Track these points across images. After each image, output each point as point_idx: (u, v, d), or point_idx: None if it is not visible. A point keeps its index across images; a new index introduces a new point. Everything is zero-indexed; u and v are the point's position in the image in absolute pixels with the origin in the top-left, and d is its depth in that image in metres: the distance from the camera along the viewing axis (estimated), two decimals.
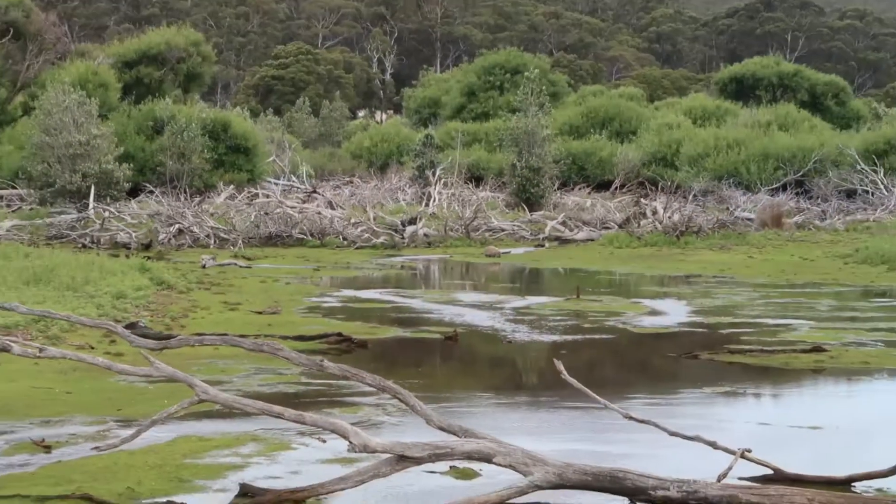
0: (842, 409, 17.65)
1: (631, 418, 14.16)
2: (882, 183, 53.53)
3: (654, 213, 48.84)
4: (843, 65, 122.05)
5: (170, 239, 42.12)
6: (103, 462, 13.70)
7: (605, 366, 21.47)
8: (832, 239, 43.81)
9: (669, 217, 47.49)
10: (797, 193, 55.27)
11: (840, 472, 12.53)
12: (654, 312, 27.89)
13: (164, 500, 12.48)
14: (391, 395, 13.76)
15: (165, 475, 13.44)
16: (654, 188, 54.64)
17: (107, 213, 43.43)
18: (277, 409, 13.74)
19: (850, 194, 53.88)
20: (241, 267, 36.71)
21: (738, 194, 53.23)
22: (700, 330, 25.01)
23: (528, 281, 36.75)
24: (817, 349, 21.71)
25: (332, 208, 49.83)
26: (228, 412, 14.44)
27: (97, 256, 36.04)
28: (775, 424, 15.81)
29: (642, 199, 52.72)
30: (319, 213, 47.95)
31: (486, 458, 12.56)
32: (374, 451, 12.63)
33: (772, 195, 52.97)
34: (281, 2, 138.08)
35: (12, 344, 15.97)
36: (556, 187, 56.49)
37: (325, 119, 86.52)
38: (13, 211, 47.43)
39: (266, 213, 46.46)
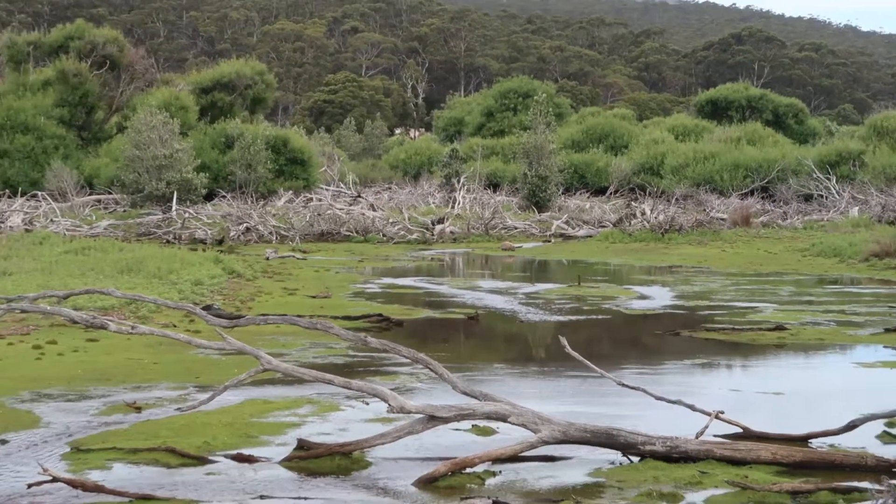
0: (800, 378, 17.64)
1: (623, 385, 14.20)
2: (834, 189, 53.46)
3: (643, 213, 48.80)
4: (801, 89, 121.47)
5: (239, 235, 42.22)
6: (184, 420, 13.74)
7: (601, 342, 21.44)
8: (792, 236, 43.73)
9: (656, 217, 47.48)
10: (763, 197, 55.17)
11: (799, 430, 12.54)
12: (642, 297, 27.89)
13: (235, 452, 12.51)
14: (423, 365, 13.78)
15: (236, 431, 13.49)
16: (642, 193, 54.82)
17: (186, 215, 43.53)
18: (328, 376, 13.77)
19: (808, 198, 53.78)
20: (297, 259, 36.77)
21: (713, 198, 53.18)
22: (681, 312, 25.01)
23: (537, 271, 36.73)
24: (780, 328, 21.71)
25: (374, 210, 49.83)
26: (288, 379, 14.48)
27: (178, 250, 36.11)
28: (744, 391, 15.85)
29: (633, 202, 52.69)
30: (363, 214, 47.98)
31: (503, 418, 12.58)
32: (409, 412, 12.65)
33: (741, 199, 52.90)
34: (331, 38, 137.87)
35: (109, 322, 16.02)
36: (560, 192, 56.44)
37: (368, 136, 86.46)
38: (109, 212, 47.47)
39: (319, 214, 46.51)
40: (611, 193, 57.56)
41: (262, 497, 11.08)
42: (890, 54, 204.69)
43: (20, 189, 48.99)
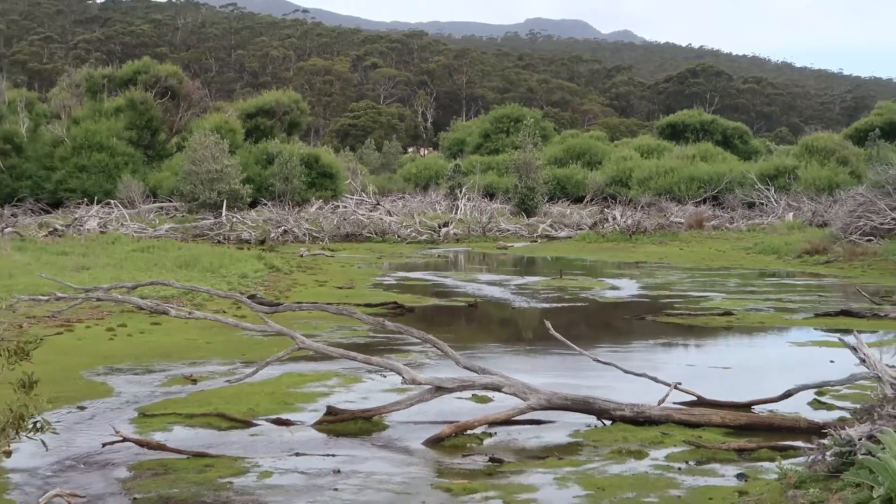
0: (745, 355, 17.65)
1: (598, 361, 14.23)
2: (773, 197, 53.40)
3: (614, 218, 48.71)
4: (745, 115, 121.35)
5: (278, 237, 42.24)
6: (233, 391, 13.75)
7: (579, 325, 21.43)
8: (738, 237, 43.69)
9: (624, 221, 47.44)
10: (713, 205, 55.08)
11: (744, 398, 12.55)
12: (613, 288, 27.89)
13: (274, 417, 12.55)
14: (431, 344, 13.80)
15: (275, 399, 13.52)
16: (613, 201, 54.64)
17: (234, 219, 43.56)
18: (352, 354, 13.77)
19: (751, 205, 53.70)
20: (327, 256, 36.79)
21: (672, 205, 53.08)
22: (645, 300, 25.01)
23: (526, 266, 36.73)
24: (728, 313, 21.74)
25: (390, 215, 49.76)
26: (318, 356, 14.48)
27: (227, 249, 36.13)
28: (698, 365, 15.88)
29: (605, 209, 52.61)
30: (381, 218, 47.99)
31: (497, 389, 12.60)
32: (420, 384, 12.65)
33: (696, 206, 52.80)
34: (354, 72, 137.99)
35: (170, 309, 16.06)
36: (545, 201, 56.32)
37: (385, 154, 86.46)
38: (170, 217, 47.44)
39: (344, 219, 46.57)
40: (587, 201, 57.42)
41: (297, 454, 11.10)
42: (819, 86, 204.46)
43: (96, 198, 49.01)
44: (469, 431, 11.86)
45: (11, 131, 52.80)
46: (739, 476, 10.16)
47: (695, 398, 12.65)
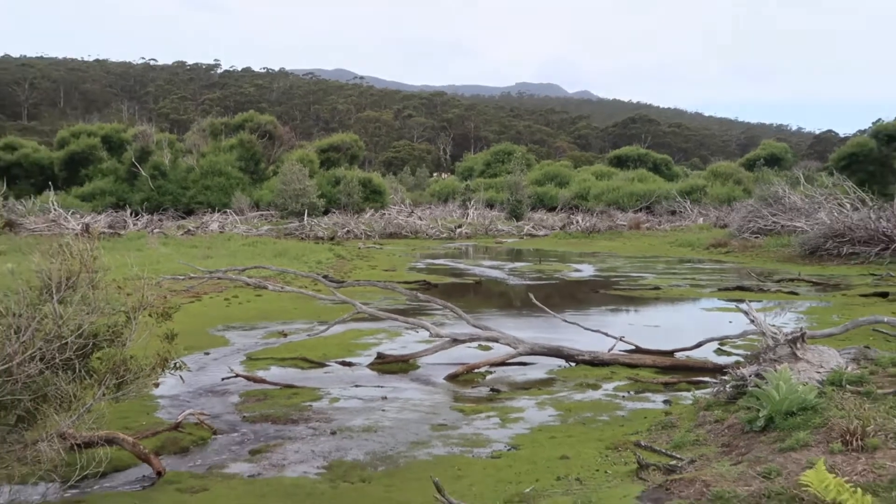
0: (669, 317, 17.59)
1: (566, 321, 14.19)
2: (688, 207, 53.24)
3: (577, 222, 48.57)
4: (669, 149, 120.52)
5: (342, 235, 42.19)
6: (312, 342, 13.76)
7: (553, 296, 21.36)
8: (664, 235, 43.52)
9: (584, 224, 47.41)
10: (647, 212, 54.89)
11: (668, 347, 12.48)
12: (577, 270, 27.81)
13: (340, 360, 12.57)
14: (450, 310, 13.78)
15: (342, 348, 13.53)
16: (576, 210, 54.53)
17: (312, 223, 43.61)
18: (395, 316, 13.78)
19: (673, 213, 53.46)
20: (376, 248, 36.78)
21: (618, 213, 52.84)
22: (599, 278, 24.92)
23: (515, 255, 36.65)
24: (656, 288, 21.66)
25: (421, 220, 49.68)
26: (371, 318, 14.48)
27: (307, 244, 36.17)
28: (636, 324, 15.81)
29: (571, 215, 52.45)
30: (415, 222, 47.95)
31: (495, 340, 12.59)
32: (441, 337, 12.65)
33: (634, 213, 52.63)
34: (396, 120, 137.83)
35: (268, 285, 16.07)
36: (529, 210, 56.16)
37: (417, 177, 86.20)
38: (268, 221, 47.43)
39: (388, 222, 46.53)
40: (558, 210, 57.11)
41: (356, 386, 11.13)
42: (721, 129, 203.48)
43: (216, 208, 49.21)
44: (476, 370, 11.88)
45: (159, 161, 52.93)
46: (665, 402, 10.15)
47: (634, 347, 12.62)
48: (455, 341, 12.65)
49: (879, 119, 57.74)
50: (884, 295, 18.73)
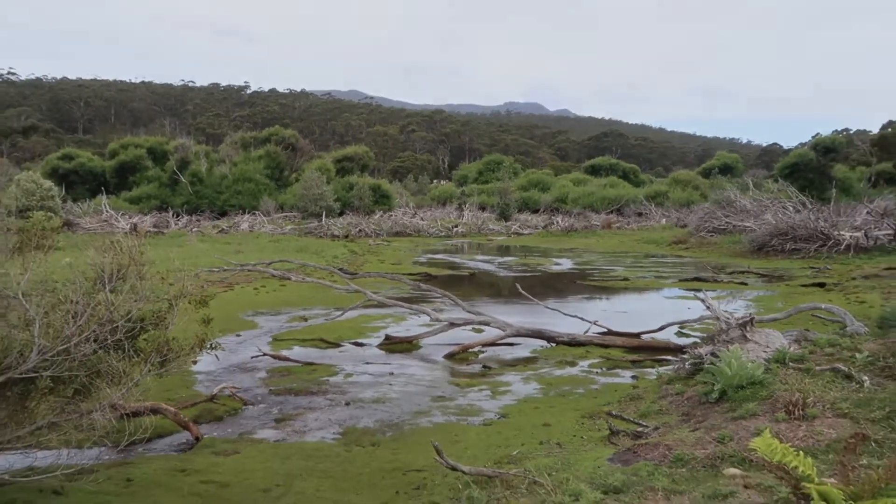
0: (636, 304, 17.57)
1: (547, 307, 14.18)
2: (653, 210, 53.15)
3: (557, 222, 48.55)
4: (636, 160, 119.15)
5: (355, 233, 42.07)
6: (329, 326, 13.75)
7: (537, 286, 21.33)
8: (632, 234, 43.42)
9: (563, 224, 47.39)
10: (617, 214, 54.75)
11: (636, 330, 12.47)
12: (557, 263, 27.77)
13: (353, 341, 12.56)
14: (448, 298, 13.77)
15: (354, 330, 13.50)
16: (557, 211, 54.39)
17: (329, 223, 43.54)
18: (400, 303, 13.76)
19: (640, 214, 53.33)
20: (385, 245, 36.68)
21: (593, 214, 52.65)
22: (576, 271, 24.89)
23: (504, 251, 36.56)
24: (625, 279, 21.63)
25: (422, 220, 49.49)
26: (380, 304, 14.46)
27: (325, 241, 36.11)
28: (608, 310, 15.79)
29: (552, 216, 52.35)
30: (417, 222, 47.82)
31: (487, 324, 12.57)
32: (440, 321, 12.64)
33: (607, 215, 52.48)
34: (402, 134, 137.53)
35: (291, 276, 16.04)
36: (516, 211, 55.97)
37: (420, 183, 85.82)
38: (291, 222, 47.28)
39: (395, 222, 46.38)
40: (541, 212, 56.94)
41: (367, 363, 11.12)
42: (681, 142, 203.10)
43: (246, 210, 49.14)
44: (470, 350, 11.88)
45: (196, 170, 52.83)
46: (633, 377, 10.15)
47: (606, 330, 12.61)
48: (452, 325, 12.64)
49: (818, 133, 57.74)
50: (821, 285, 18.75)
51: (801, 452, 3.56)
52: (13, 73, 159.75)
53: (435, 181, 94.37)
